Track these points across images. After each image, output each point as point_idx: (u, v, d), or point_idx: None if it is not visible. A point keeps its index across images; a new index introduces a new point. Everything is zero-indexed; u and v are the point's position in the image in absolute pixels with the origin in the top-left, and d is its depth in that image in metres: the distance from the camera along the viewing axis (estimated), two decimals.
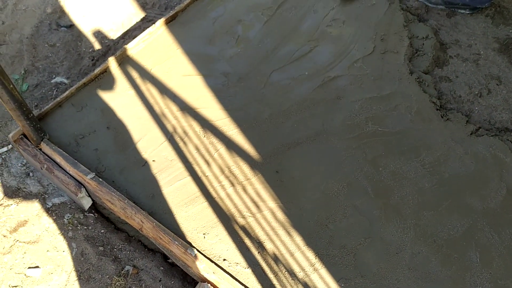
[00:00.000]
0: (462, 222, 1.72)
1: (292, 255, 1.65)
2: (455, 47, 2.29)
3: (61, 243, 1.85)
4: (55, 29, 2.57)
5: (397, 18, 2.36)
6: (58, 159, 1.86)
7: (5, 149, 2.11)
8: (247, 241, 1.69)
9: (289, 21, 2.38)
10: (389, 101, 2.06)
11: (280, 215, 1.75)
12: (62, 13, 2.63)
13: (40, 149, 1.91)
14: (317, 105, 2.06)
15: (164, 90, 2.12)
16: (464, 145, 1.92)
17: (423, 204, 1.76)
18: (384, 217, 1.74)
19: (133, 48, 2.24)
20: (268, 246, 1.68)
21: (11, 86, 1.63)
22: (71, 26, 2.58)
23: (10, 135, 1.92)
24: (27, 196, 1.97)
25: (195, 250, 1.63)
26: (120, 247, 1.84)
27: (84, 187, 1.84)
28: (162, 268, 1.80)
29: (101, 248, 1.83)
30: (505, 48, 2.27)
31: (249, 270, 1.63)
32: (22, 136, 1.93)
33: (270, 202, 1.79)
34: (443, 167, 1.86)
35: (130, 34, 2.54)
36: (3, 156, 2.08)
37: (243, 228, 1.72)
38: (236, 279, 1.60)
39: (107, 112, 2.05)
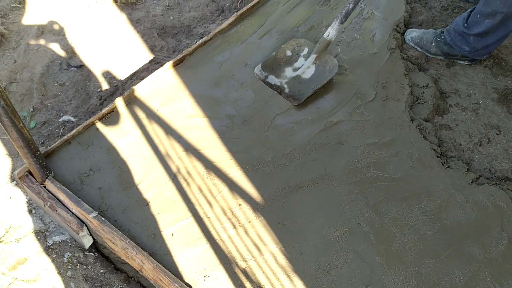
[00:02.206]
0: (464, 271, 1.71)
1: None
2: (455, 96, 2.35)
3: (60, 283, 1.83)
4: (65, 68, 2.64)
5: (398, 66, 2.43)
6: (62, 197, 1.87)
7: (9, 185, 2.12)
8: (248, 285, 1.67)
9: None
10: (390, 147, 2.09)
11: (282, 258, 1.75)
12: (73, 53, 2.72)
13: (45, 187, 1.93)
14: (320, 149, 2.09)
15: (169, 130, 2.16)
16: (465, 193, 1.93)
17: (425, 252, 1.76)
18: (386, 264, 1.73)
19: (141, 89, 2.30)
20: None
21: (21, 124, 1.67)
22: (81, 66, 2.66)
23: (16, 172, 1.94)
24: (29, 233, 1.97)
25: None
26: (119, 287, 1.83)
27: (86, 225, 1.85)
28: None
29: None
30: (504, 98, 2.33)
31: None
32: (27, 173, 1.95)
33: (271, 245, 1.78)
34: (444, 214, 1.87)
35: (138, 75, 2.61)
36: (6, 193, 2.10)
37: (244, 272, 1.71)
38: None
39: (113, 151, 2.08)
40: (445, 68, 2.49)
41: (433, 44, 2.48)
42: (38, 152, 1.82)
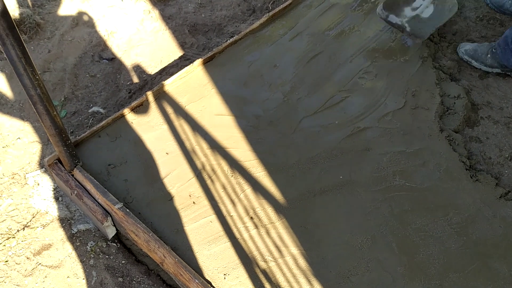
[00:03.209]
0: (488, 287, 1.68)
1: None
2: (487, 109, 2.30)
3: (82, 271, 1.86)
4: (97, 60, 2.69)
5: (429, 75, 2.40)
6: (89, 186, 1.91)
7: (37, 172, 2.17)
8: (268, 286, 1.67)
9: (323, 69, 2.44)
10: (418, 157, 2.06)
11: (302, 262, 1.74)
12: (105, 46, 2.76)
13: (73, 175, 1.96)
14: (345, 154, 2.07)
15: (196, 127, 2.17)
16: (493, 208, 1.89)
17: (449, 265, 1.73)
18: (408, 275, 1.70)
19: (170, 85, 2.32)
20: None
21: (54, 113, 1.70)
22: (113, 59, 2.70)
23: (45, 160, 1.98)
24: (54, 220, 2.01)
25: None
26: (139, 279, 1.85)
27: (111, 216, 1.87)
28: None
29: (120, 279, 1.84)
30: None
31: None
32: (57, 161, 1.99)
33: (292, 248, 1.78)
34: (470, 228, 1.83)
35: (167, 71, 2.64)
36: (35, 179, 2.14)
37: (264, 272, 1.71)
38: None
39: (140, 144, 2.11)
40: (477, 79, 2.44)
41: (488, 55, 2.41)
42: (69, 141, 1.86)
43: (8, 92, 2.51)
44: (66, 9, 2.96)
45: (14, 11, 2.75)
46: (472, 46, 2.50)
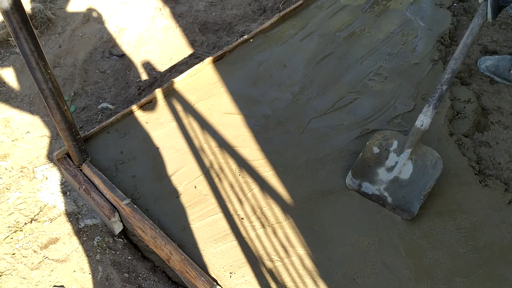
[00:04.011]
0: None
1: None
2: (497, 114, 2.28)
3: (88, 265, 1.87)
4: (107, 57, 2.70)
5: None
6: (97, 181, 1.91)
7: (46, 166, 2.18)
8: (273, 286, 1.67)
9: (333, 70, 2.44)
10: None
11: (308, 262, 1.74)
12: (115, 43, 2.77)
13: (81, 170, 1.97)
14: (354, 156, 2.07)
15: (205, 125, 2.18)
16: (501, 214, 1.88)
17: (455, 270, 1.72)
18: (414, 279, 1.70)
19: (179, 82, 2.33)
20: None
21: (65, 107, 1.71)
22: (123, 55, 2.71)
23: (55, 154, 1.99)
24: (62, 214, 2.01)
25: None
26: (145, 276, 1.85)
27: (118, 211, 1.88)
28: None
29: (126, 274, 1.84)
30: None
31: None
32: (66, 155, 2.00)
33: (299, 248, 1.78)
34: (478, 233, 1.82)
35: (177, 68, 2.64)
36: (43, 173, 2.15)
37: (270, 272, 1.71)
38: None
39: (148, 140, 2.11)
40: (488, 84, 2.42)
41: (511, 72, 2.35)
42: (78, 136, 1.86)
43: (18, 86, 2.52)
44: (77, 5, 2.97)
45: (26, 5, 2.77)
46: (492, 61, 2.43)
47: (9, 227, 1.96)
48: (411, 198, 1.87)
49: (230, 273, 1.70)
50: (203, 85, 2.35)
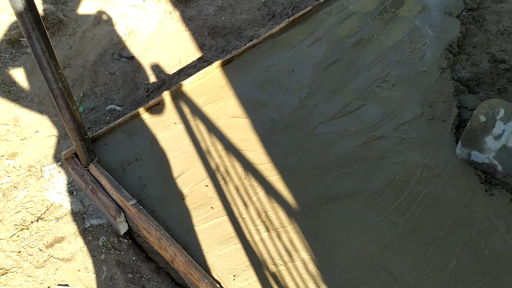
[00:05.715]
0: None
1: None
2: None
3: (92, 265, 1.88)
4: (116, 59, 2.72)
5: (447, 87, 2.39)
6: (104, 181, 1.93)
7: (53, 165, 2.20)
8: None
9: (340, 76, 2.44)
10: (432, 168, 2.04)
11: (312, 267, 1.74)
12: (125, 45, 2.79)
13: (88, 170, 1.99)
14: (360, 162, 2.07)
15: (212, 128, 2.19)
16: (507, 223, 1.87)
17: (460, 278, 1.71)
18: (418, 286, 1.69)
19: (187, 85, 2.34)
20: None
21: (74, 107, 1.73)
22: (132, 58, 2.73)
23: (63, 153, 2.01)
24: (68, 213, 2.03)
25: None
26: (148, 277, 1.86)
27: (124, 212, 1.89)
28: None
29: (130, 275, 1.85)
30: None
31: None
32: (74, 155, 2.02)
33: (303, 253, 1.77)
34: (483, 242, 1.81)
35: (186, 71, 2.66)
36: (51, 172, 2.17)
37: (273, 276, 1.71)
38: None
39: (155, 142, 2.13)
40: (496, 92, 2.42)
41: None
42: (86, 136, 1.88)
43: (28, 86, 2.55)
44: (88, 7, 3.01)
45: (38, 7, 2.80)
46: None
47: (15, 225, 1.98)
48: None
49: (234, 276, 1.71)
50: (211, 88, 2.37)
